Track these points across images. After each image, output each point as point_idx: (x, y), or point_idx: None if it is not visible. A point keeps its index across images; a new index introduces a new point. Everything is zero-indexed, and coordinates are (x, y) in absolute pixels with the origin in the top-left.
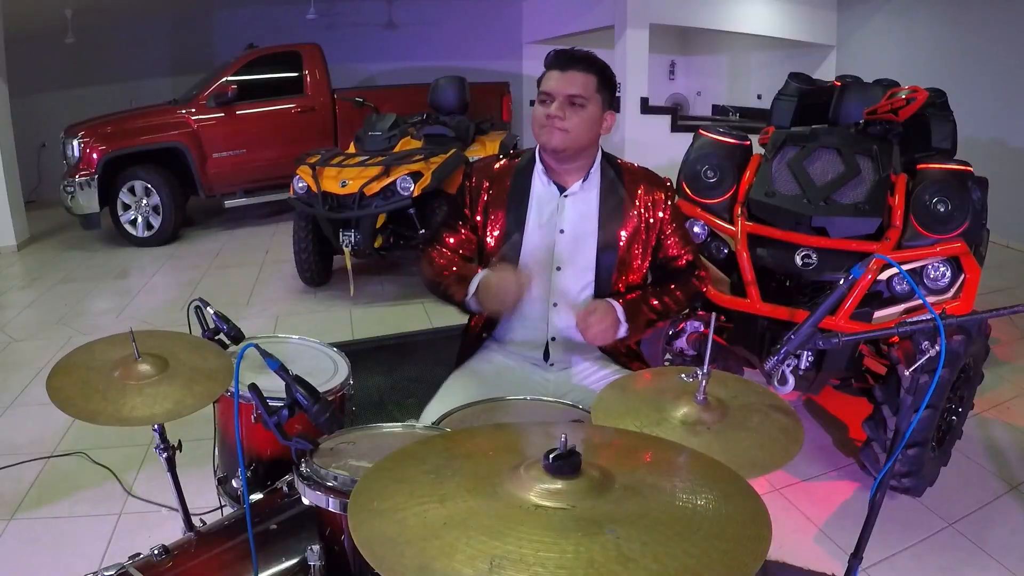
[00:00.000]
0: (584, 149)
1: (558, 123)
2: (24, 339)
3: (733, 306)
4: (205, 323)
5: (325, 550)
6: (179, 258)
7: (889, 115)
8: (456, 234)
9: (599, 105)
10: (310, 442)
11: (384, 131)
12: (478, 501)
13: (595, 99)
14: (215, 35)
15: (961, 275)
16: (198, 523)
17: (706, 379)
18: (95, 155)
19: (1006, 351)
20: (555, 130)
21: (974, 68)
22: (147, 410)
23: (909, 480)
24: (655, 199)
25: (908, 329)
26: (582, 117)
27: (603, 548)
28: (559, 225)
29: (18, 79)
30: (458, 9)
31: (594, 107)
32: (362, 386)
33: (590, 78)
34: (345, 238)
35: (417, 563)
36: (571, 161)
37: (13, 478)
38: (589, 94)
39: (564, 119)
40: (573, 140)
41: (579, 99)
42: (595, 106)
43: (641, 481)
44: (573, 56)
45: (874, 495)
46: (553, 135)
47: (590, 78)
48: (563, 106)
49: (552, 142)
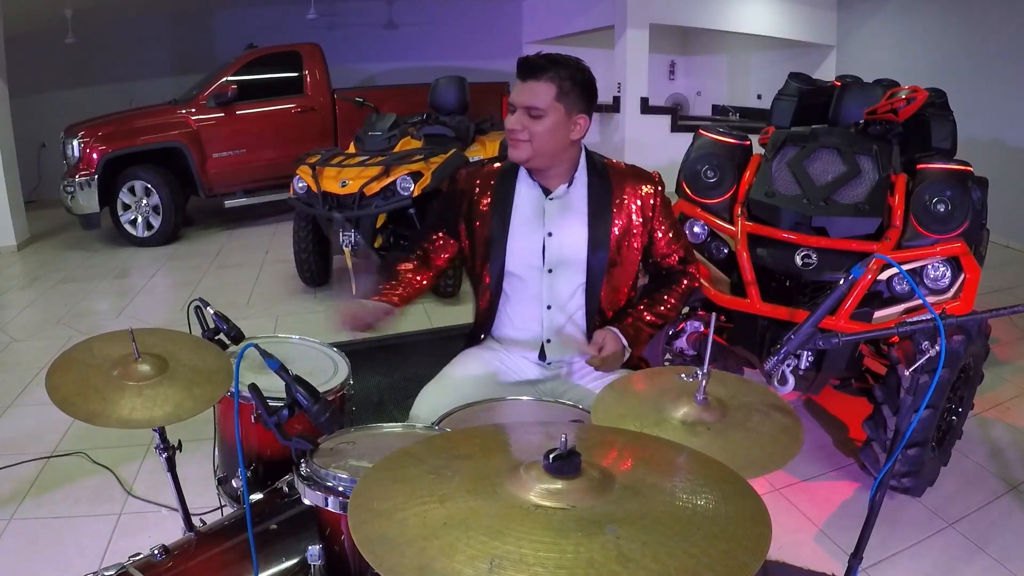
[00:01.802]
0: (553, 156)
1: (517, 135)
2: (24, 339)
3: (733, 306)
4: (205, 323)
5: (325, 550)
6: (179, 258)
7: (889, 115)
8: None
9: (562, 113)
10: (310, 442)
11: (384, 131)
12: (478, 501)
13: (556, 107)
14: (215, 35)
15: (961, 275)
16: (198, 523)
17: (706, 379)
18: (95, 155)
19: (1006, 351)
20: (516, 142)
21: (974, 68)
22: (146, 413)
23: (909, 480)
24: (643, 194)
25: (908, 329)
26: (544, 127)
27: (603, 548)
28: (546, 228)
29: (18, 79)
30: (458, 9)
31: (555, 115)
32: (362, 386)
33: (548, 87)
34: (345, 238)
35: (417, 563)
36: (547, 169)
37: (13, 478)
38: (547, 104)
39: (522, 130)
40: (536, 151)
41: (535, 111)
42: (556, 114)
43: (641, 481)
44: (532, 64)
45: (874, 495)
46: (516, 148)
47: (548, 87)
48: (521, 118)
49: (515, 155)
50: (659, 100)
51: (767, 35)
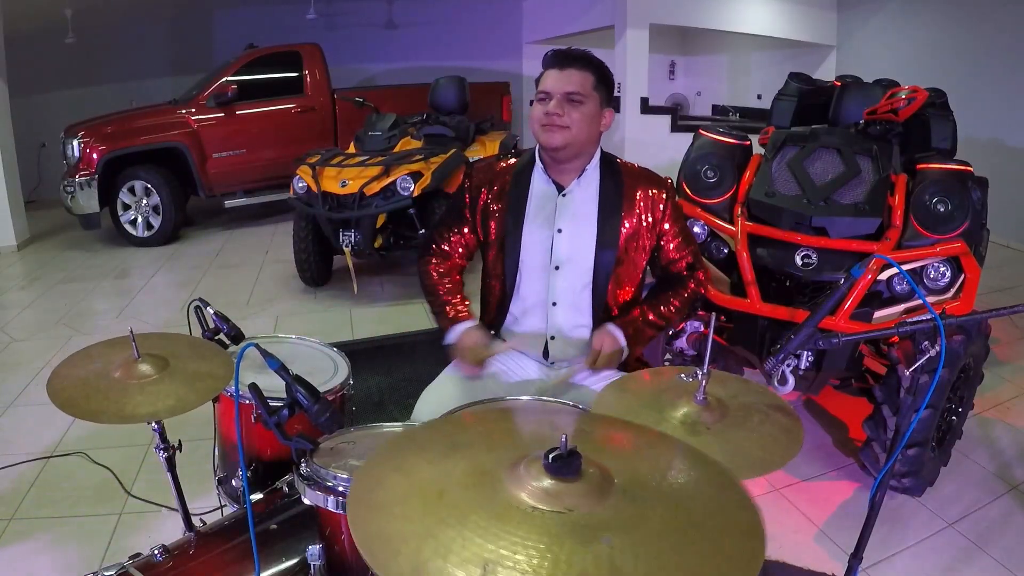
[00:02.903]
0: (584, 146)
1: (557, 120)
2: (24, 339)
3: (733, 306)
4: (205, 323)
5: (325, 550)
6: (179, 258)
7: (889, 115)
8: (453, 236)
9: (597, 102)
10: (310, 442)
11: (384, 131)
12: (476, 499)
13: (593, 96)
14: (215, 35)
15: (961, 275)
16: (198, 523)
17: (706, 379)
18: (95, 155)
19: (1006, 351)
20: (555, 127)
21: (974, 68)
22: (150, 407)
23: (909, 480)
24: (654, 198)
25: (908, 329)
26: (582, 113)
27: (596, 558)
28: (557, 224)
29: (18, 79)
30: (458, 9)
31: (592, 104)
32: (362, 386)
33: (587, 76)
34: (345, 238)
35: (412, 563)
36: (571, 160)
37: (13, 478)
38: (587, 91)
39: (563, 116)
40: (573, 137)
41: (577, 96)
42: (593, 103)
43: (641, 485)
44: (570, 55)
45: (874, 495)
46: (553, 133)
47: (587, 76)
48: (561, 103)
49: (552, 140)
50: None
51: (767, 35)
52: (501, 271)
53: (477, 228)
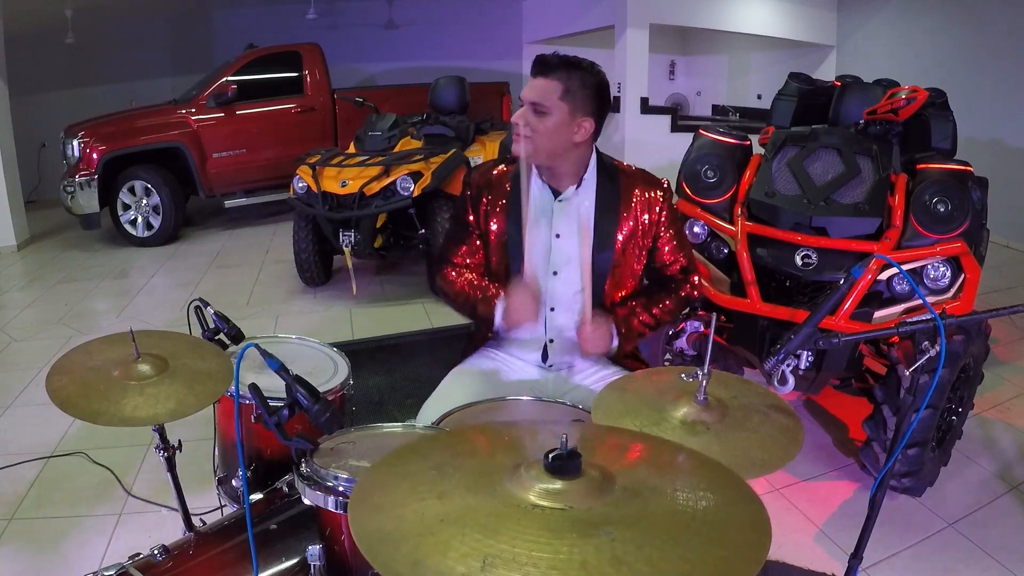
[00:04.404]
0: (553, 156)
1: (519, 130)
2: (24, 339)
3: (733, 306)
4: (205, 323)
5: (325, 550)
6: (179, 258)
7: (889, 115)
8: (463, 247)
9: (565, 112)
10: (310, 442)
11: (384, 131)
12: (476, 499)
13: (560, 106)
14: (215, 35)
15: (961, 275)
16: (198, 523)
17: (706, 379)
18: (95, 155)
19: (1006, 351)
20: (519, 137)
21: (974, 68)
22: (149, 410)
23: (909, 480)
24: (651, 200)
25: (908, 329)
26: (545, 125)
27: (597, 550)
28: (554, 229)
29: (18, 79)
30: (458, 9)
31: (560, 114)
32: (362, 386)
33: (555, 85)
34: (345, 238)
35: (411, 559)
36: (555, 166)
37: (13, 478)
38: (552, 102)
39: (524, 126)
40: (536, 148)
41: (539, 107)
42: (561, 113)
43: (641, 483)
44: (544, 62)
45: (874, 495)
46: (516, 142)
47: (555, 85)
48: (525, 114)
49: (515, 149)
50: (659, 100)
51: (767, 35)
52: (504, 276)
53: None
